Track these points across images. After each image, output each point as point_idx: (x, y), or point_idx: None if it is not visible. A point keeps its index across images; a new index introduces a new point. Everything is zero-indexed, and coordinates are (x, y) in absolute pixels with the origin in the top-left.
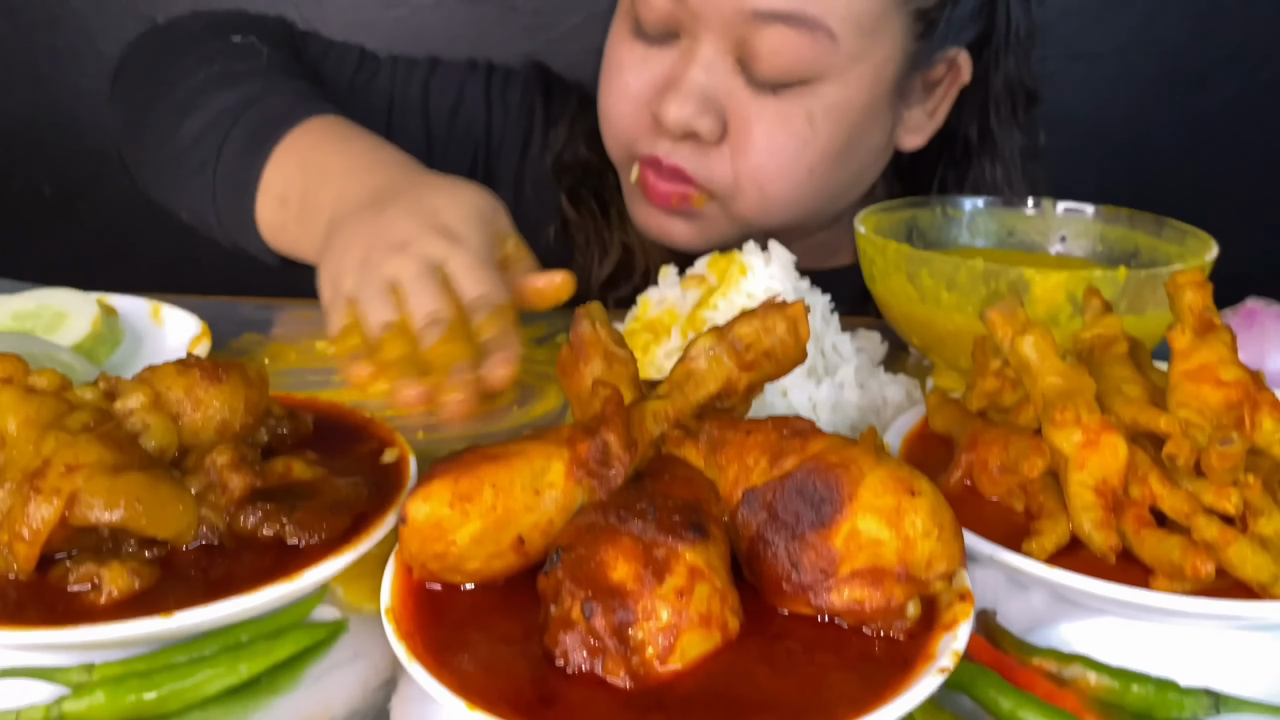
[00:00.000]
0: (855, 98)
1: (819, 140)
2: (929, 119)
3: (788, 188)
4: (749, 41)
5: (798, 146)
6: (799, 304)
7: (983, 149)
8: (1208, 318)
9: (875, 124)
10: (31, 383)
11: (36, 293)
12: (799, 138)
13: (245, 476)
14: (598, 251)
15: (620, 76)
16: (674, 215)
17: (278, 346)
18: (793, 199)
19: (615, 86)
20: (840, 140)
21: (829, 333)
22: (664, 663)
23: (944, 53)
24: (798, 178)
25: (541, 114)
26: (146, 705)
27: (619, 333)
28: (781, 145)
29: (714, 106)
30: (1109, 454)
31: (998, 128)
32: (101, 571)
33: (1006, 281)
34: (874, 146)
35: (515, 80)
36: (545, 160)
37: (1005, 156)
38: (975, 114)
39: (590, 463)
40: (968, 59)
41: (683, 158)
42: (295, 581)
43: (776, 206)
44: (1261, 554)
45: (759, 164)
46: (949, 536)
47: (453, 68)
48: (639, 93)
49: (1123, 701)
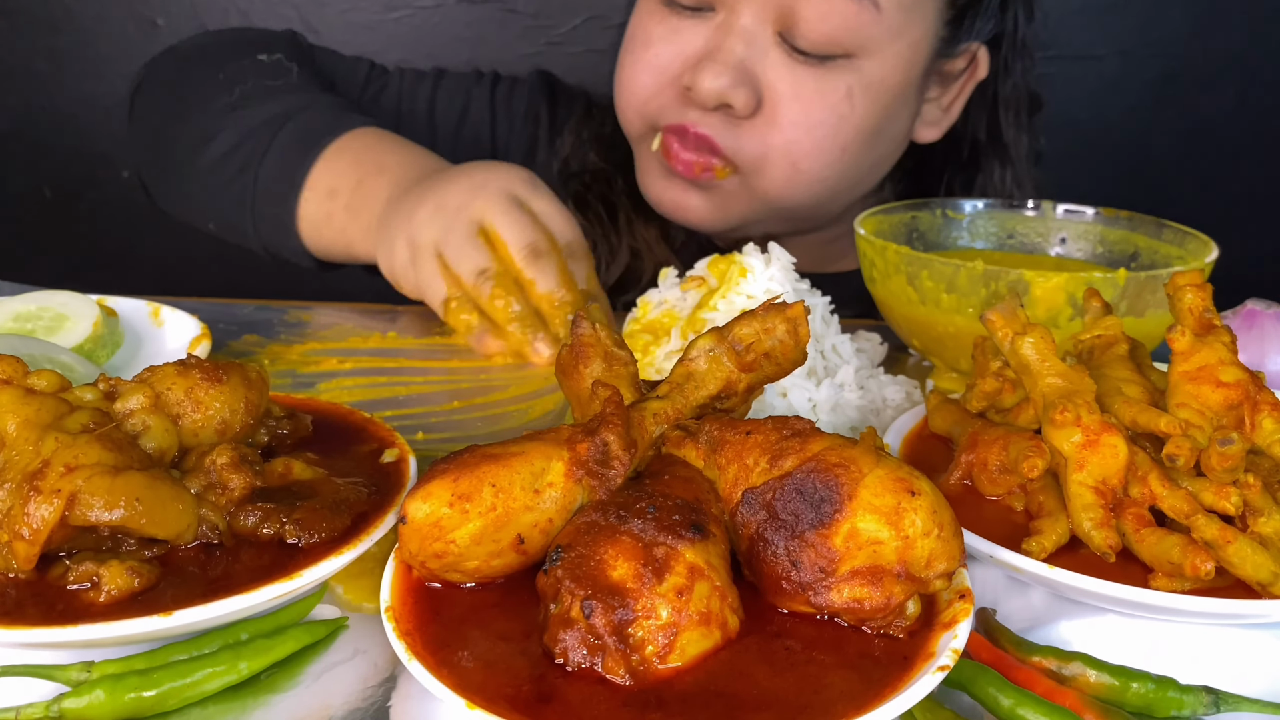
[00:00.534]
0: (891, 76)
1: (855, 117)
2: (944, 113)
3: (820, 165)
4: (793, 10)
5: (835, 122)
6: (799, 305)
7: (992, 152)
8: (1207, 319)
9: (904, 107)
10: (31, 384)
11: (37, 294)
12: (837, 112)
13: (245, 476)
14: (605, 257)
15: (649, 49)
16: (691, 189)
17: (277, 347)
18: (822, 176)
19: (642, 59)
20: (875, 119)
21: (829, 334)
22: (664, 661)
23: (968, 44)
24: (831, 155)
25: (547, 122)
26: (146, 703)
27: (619, 334)
28: (820, 120)
29: (750, 79)
30: (1109, 454)
31: (1007, 131)
32: (101, 570)
33: (1006, 283)
34: (899, 132)
35: (520, 89)
36: (552, 167)
37: (1014, 160)
38: (984, 117)
39: (590, 463)
40: (986, 55)
41: (711, 127)
42: (294, 581)
43: (804, 183)
44: (1261, 553)
45: (793, 138)
46: (949, 536)
47: (459, 79)
48: (668, 65)
49: (1122, 699)
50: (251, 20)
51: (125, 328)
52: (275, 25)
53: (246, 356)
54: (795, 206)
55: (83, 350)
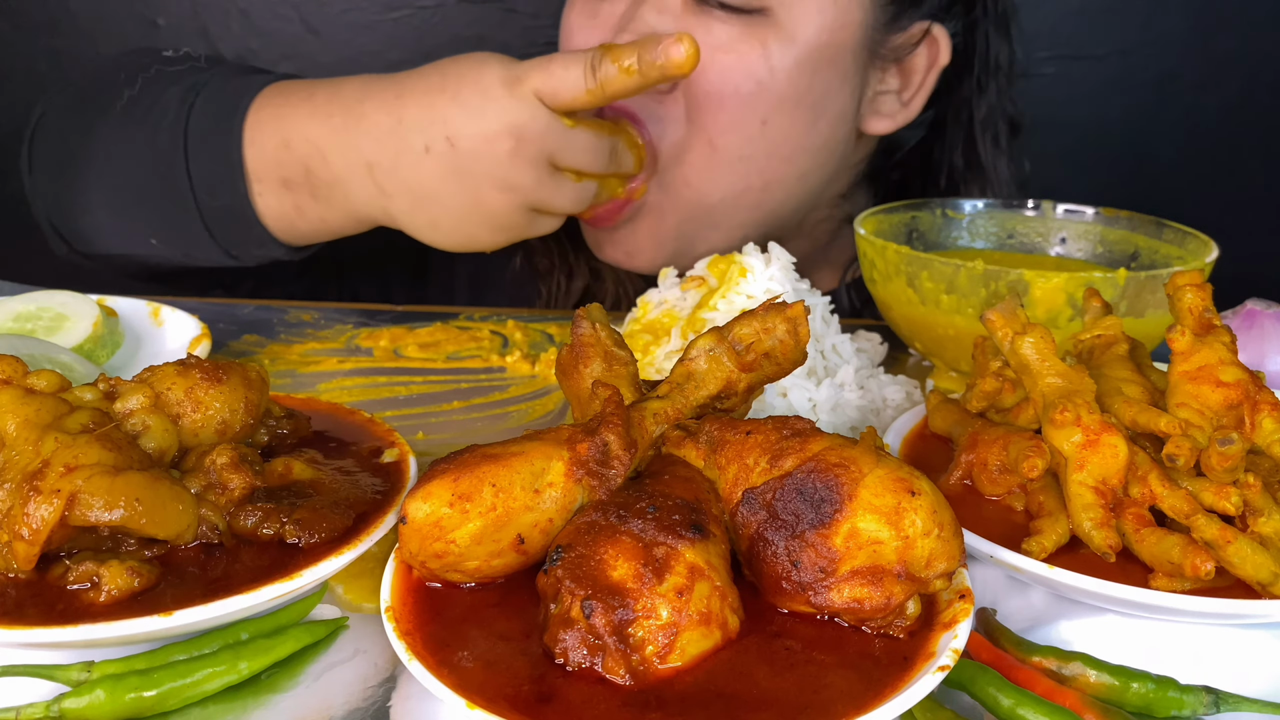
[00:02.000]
0: (815, 38)
1: (776, 83)
2: (902, 107)
3: (740, 139)
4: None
5: (752, 88)
6: (799, 305)
7: (970, 176)
8: (1207, 319)
9: (841, 81)
10: (31, 384)
11: (37, 294)
12: (754, 77)
13: (245, 476)
14: (563, 277)
15: (571, 40)
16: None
17: (277, 347)
18: (744, 154)
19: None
20: (800, 87)
21: (829, 334)
22: (664, 661)
23: (915, 19)
24: (750, 129)
25: None
26: (146, 703)
27: (619, 334)
28: (735, 86)
29: None
30: (1109, 454)
31: (985, 156)
32: (101, 570)
33: (1006, 283)
34: (839, 112)
35: None
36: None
37: (994, 184)
38: (960, 143)
39: (590, 463)
40: (946, 37)
41: (636, 103)
42: (294, 581)
43: (724, 164)
44: (1261, 553)
45: (707, 108)
46: (949, 535)
47: None
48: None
49: (1122, 699)
50: (251, 20)
51: (125, 328)
52: (275, 25)
53: (246, 356)
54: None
55: (83, 350)
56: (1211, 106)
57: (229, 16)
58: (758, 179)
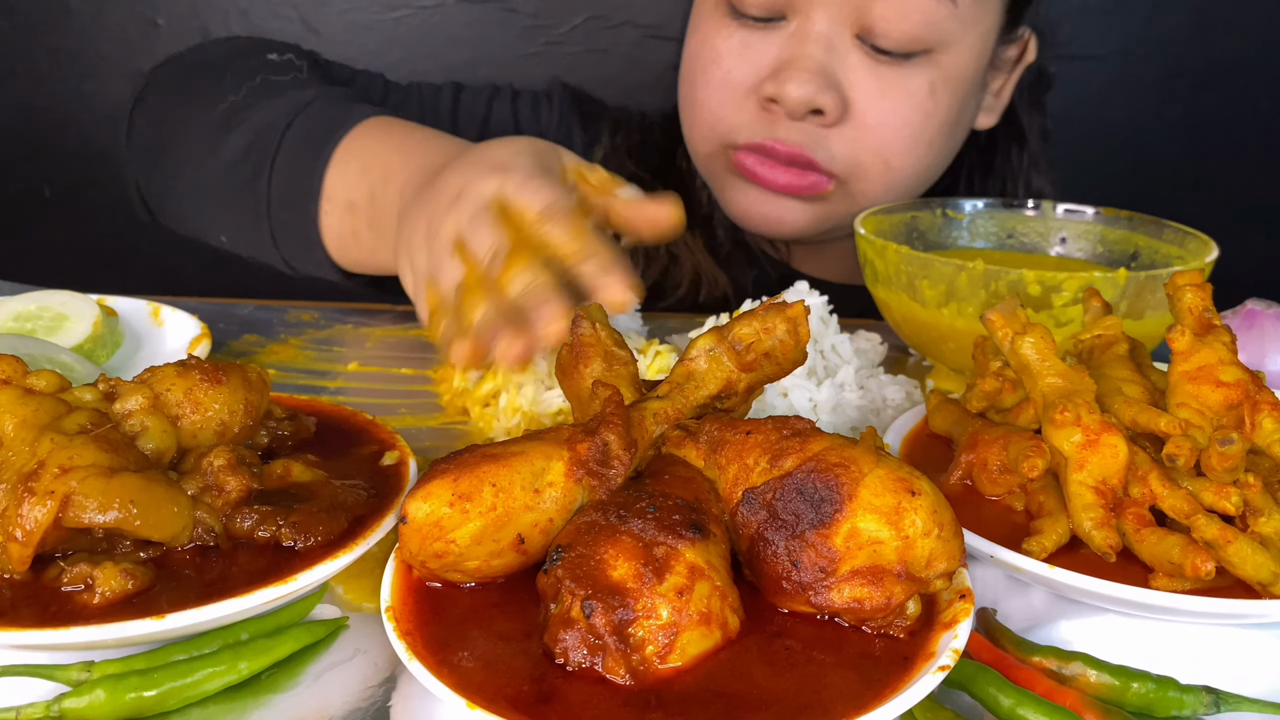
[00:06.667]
0: (967, 67)
1: (939, 111)
2: (996, 99)
3: (911, 162)
4: (870, 10)
5: (921, 119)
6: (799, 305)
7: (1008, 133)
8: (1207, 319)
9: (975, 96)
10: (30, 384)
11: (37, 294)
12: (922, 109)
13: (242, 479)
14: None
15: (719, 66)
16: (788, 201)
17: (277, 347)
18: (914, 173)
19: (714, 76)
20: (955, 111)
21: (829, 334)
22: (664, 661)
23: (1023, 28)
24: (919, 151)
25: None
26: (146, 703)
27: (619, 333)
28: (906, 119)
29: (834, 83)
30: (1109, 454)
31: (1022, 110)
32: (95, 572)
33: (1006, 283)
34: (968, 122)
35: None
36: None
37: (1029, 138)
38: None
39: (590, 462)
40: (1034, 38)
41: (801, 141)
42: (290, 584)
43: (898, 181)
44: (1261, 553)
45: (885, 139)
46: (949, 535)
47: (478, 91)
48: (742, 79)
49: (1123, 699)
50: (251, 20)
51: (125, 328)
52: (275, 25)
53: (246, 356)
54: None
55: (83, 350)
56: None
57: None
58: (917, 190)
